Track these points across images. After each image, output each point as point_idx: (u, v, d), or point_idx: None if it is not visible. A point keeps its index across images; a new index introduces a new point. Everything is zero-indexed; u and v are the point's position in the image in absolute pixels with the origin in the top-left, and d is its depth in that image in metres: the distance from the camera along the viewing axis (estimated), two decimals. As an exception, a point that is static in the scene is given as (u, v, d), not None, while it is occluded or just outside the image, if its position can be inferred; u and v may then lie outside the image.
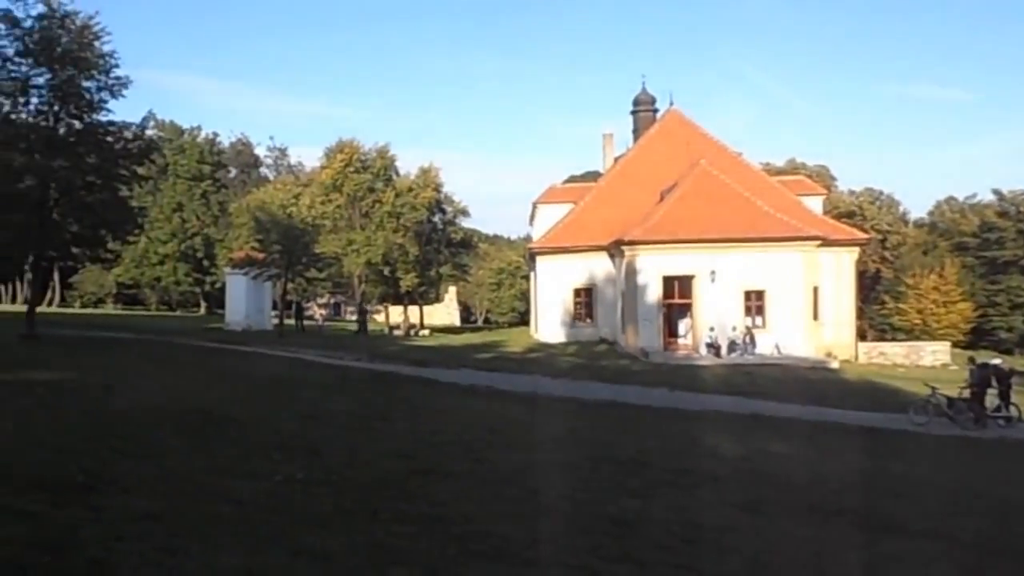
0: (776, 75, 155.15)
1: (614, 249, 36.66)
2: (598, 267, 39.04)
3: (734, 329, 32.96)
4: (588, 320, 39.91)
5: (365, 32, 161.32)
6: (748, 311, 33.75)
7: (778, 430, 15.58)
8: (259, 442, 9.05)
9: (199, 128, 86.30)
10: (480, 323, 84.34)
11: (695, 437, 13.97)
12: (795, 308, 33.33)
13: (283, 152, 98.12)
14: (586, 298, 40.19)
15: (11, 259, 35.36)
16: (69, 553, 4.72)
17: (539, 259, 41.39)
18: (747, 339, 32.65)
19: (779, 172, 56.98)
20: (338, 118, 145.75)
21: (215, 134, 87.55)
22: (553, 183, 49.21)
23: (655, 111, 47.10)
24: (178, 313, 74.67)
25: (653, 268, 33.61)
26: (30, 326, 22.44)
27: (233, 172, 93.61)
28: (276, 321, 41.82)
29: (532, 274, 46.04)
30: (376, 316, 69.14)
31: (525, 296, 65.32)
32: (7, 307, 61.20)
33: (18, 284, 68.96)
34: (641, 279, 33.74)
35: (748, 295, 33.75)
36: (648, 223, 34.30)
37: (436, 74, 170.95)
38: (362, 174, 53.11)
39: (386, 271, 53.27)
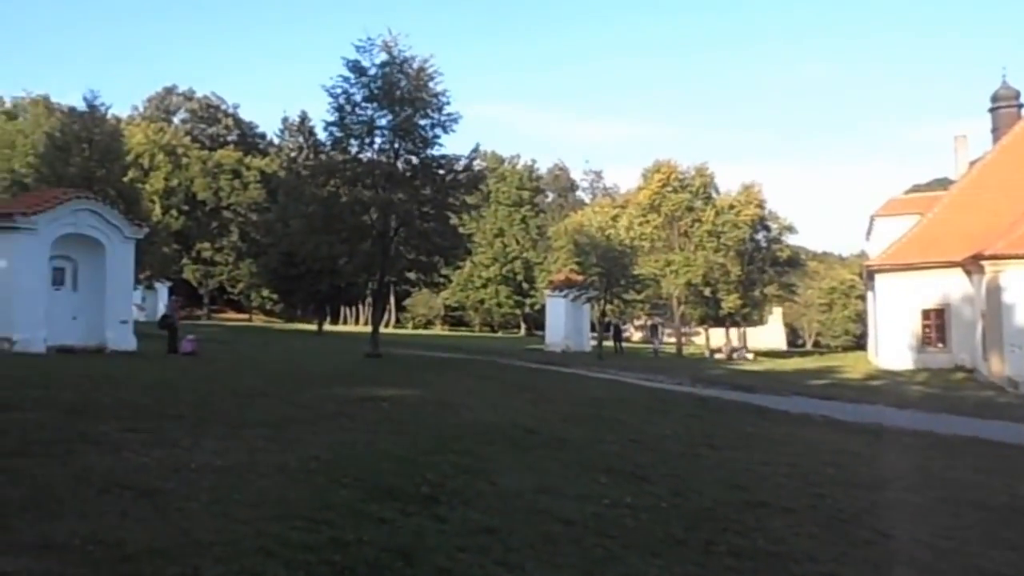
0: None
1: (972, 265, 32.39)
2: (952, 285, 34.65)
3: None
4: (940, 345, 35.55)
5: (679, 51, 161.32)
6: None
7: None
8: (585, 464, 9.11)
9: (518, 156, 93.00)
10: (808, 347, 79.31)
11: (1088, 484, 11.57)
12: None
13: (599, 175, 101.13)
14: (937, 320, 35.86)
15: (357, 284, 40.45)
16: (418, 560, 5.01)
17: (879, 277, 37.85)
18: None
19: None
20: (654, 138, 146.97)
21: (533, 161, 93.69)
22: (893, 194, 45.12)
23: (1020, 106, 41.16)
24: (499, 334, 79.78)
25: (1023, 286, 29.19)
26: (374, 345, 24.78)
27: (550, 196, 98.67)
28: (594, 342, 42.74)
29: (870, 294, 42.29)
30: (695, 338, 68.07)
31: (861, 318, 60.29)
32: (352, 328, 69.96)
33: (360, 307, 78.32)
34: (1008, 298, 29.40)
35: None
36: (1015, 234, 29.86)
37: (757, 87, 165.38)
38: (680, 193, 52.74)
39: (706, 292, 52.20)
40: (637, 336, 73.74)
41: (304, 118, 53.07)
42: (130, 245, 21.00)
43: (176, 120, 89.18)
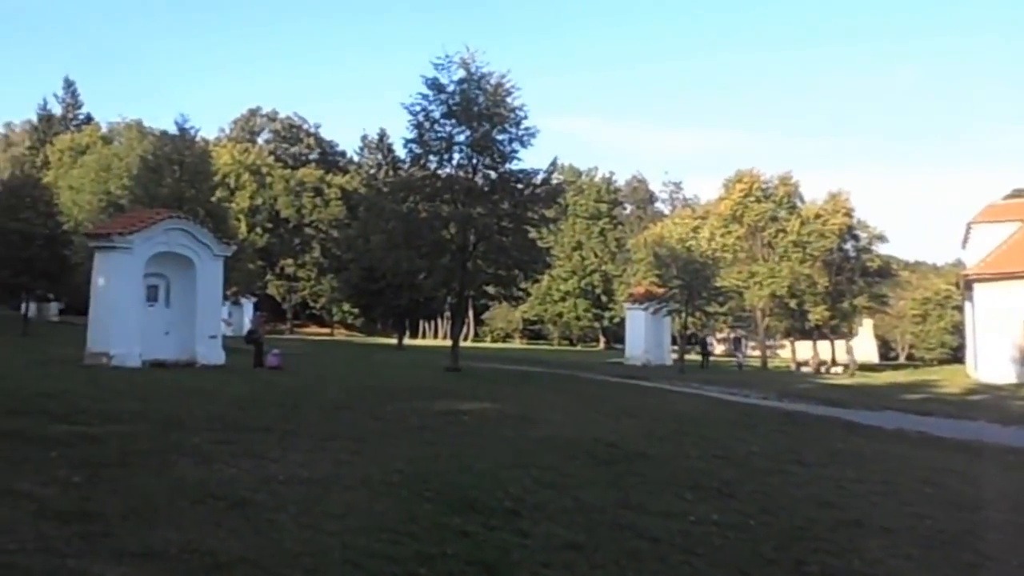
0: None
1: (1079, 273, 30.65)
2: (1058, 295, 32.86)
3: None
4: (1046, 358, 33.68)
5: (760, 58, 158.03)
6: None
7: None
8: (669, 480, 8.94)
9: (596, 169, 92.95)
10: (902, 360, 76.27)
11: None
12: None
13: (678, 186, 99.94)
14: (1043, 332, 34.01)
15: (436, 299, 40.78)
16: (503, 574, 4.98)
17: (977, 287, 36.16)
18: None
19: None
20: (735, 147, 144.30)
21: (611, 173, 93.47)
22: (991, 200, 42.88)
23: None
24: (578, 348, 79.42)
25: None
26: (454, 359, 24.95)
27: (629, 209, 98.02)
28: (676, 356, 42.06)
29: (968, 304, 40.44)
30: (780, 351, 66.36)
31: (958, 329, 57.65)
32: (431, 341, 70.69)
33: (439, 321, 79.09)
34: (1118, 307, 27.69)
35: None
36: (1125, 239, 28.13)
37: (844, 92, 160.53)
38: (763, 203, 51.70)
39: (792, 304, 50.90)
40: (720, 349, 72.34)
41: (383, 136, 54.15)
42: (219, 262, 21.58)
43: (260, 140, 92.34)
